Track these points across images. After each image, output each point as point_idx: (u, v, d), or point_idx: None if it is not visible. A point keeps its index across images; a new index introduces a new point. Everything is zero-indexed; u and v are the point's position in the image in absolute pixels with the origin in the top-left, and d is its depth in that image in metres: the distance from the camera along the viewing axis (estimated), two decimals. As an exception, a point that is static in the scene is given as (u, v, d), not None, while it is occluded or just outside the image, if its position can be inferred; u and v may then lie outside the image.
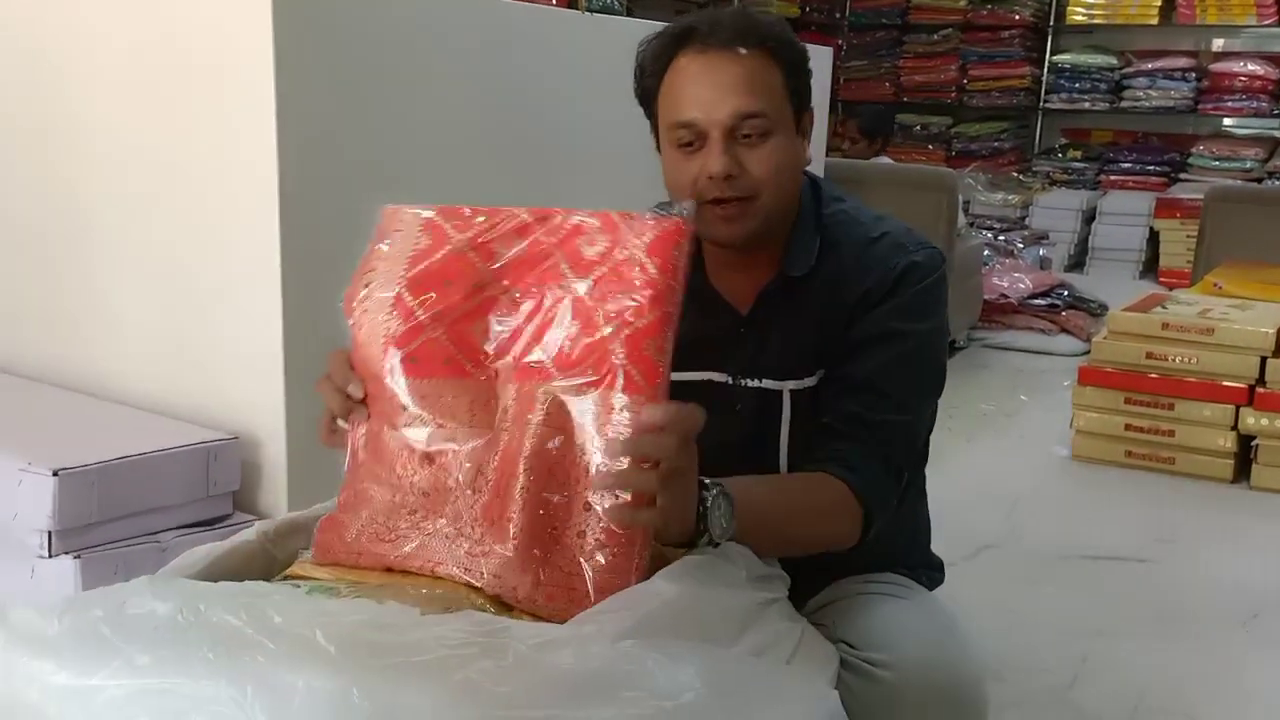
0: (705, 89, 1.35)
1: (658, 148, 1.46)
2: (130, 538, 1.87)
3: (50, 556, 1.79)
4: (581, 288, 1.12)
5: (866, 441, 1.36)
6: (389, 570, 1.15)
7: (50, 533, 1.78)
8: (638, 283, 1.10)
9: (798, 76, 1.41)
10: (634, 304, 1.09)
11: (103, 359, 2.27)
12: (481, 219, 1.22)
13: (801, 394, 1.44)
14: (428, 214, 1.24)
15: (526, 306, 1.16)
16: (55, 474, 1.76)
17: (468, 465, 1.14)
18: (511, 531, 1.08)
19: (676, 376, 1.46)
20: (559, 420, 1.09)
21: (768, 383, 1.45)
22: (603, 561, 1.07)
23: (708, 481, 1.15)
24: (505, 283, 1.18)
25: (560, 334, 1.12)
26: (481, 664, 0.87)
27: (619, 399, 1.07)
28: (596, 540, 1.07)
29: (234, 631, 0.89)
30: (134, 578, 1.08)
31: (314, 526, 1.23)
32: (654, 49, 1.41)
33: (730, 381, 1.47)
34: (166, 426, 2.05)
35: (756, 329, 1.46)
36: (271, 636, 0.88)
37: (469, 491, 1.13)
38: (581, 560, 1.08)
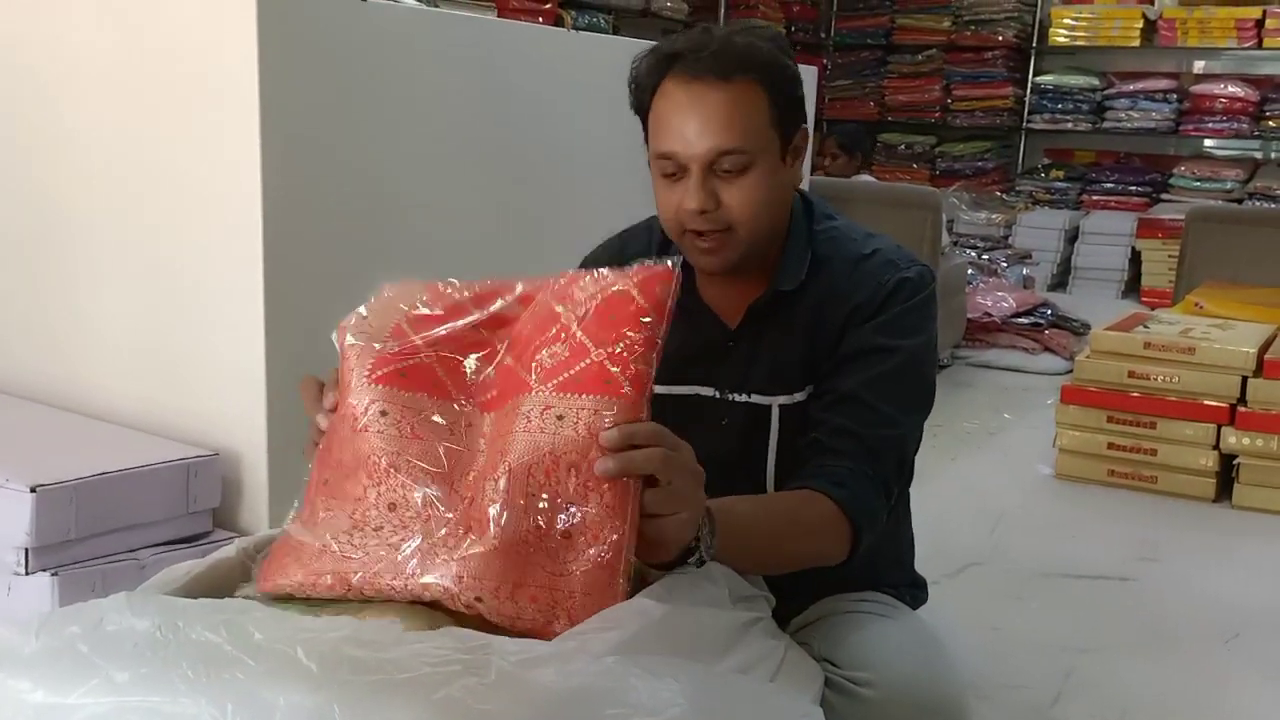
0: (686, 122, 1.35)
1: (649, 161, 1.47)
2: (109, 555, 1.86)
3: (28, 574, 1.78)
4: (572, 318, 1.14)
5: (855, 456, 1.36)
6: (345, 598, 1.10)
7: (28, 550, 1.76)
8: (628, 310, 1.12)
9: (786, 98, 1.40)
10: (624, 326, 1.11)
11: (83, 373, 2.26)
12: (479, 289, 1.26)
13: (790, 409, 1.45)
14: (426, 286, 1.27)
15: (517, 342, 1.18)
16: (33, 490, 1.75)
17: (441, 481, 1.12)
18: (492, 531, 1.05)
19: (664, 390, 1.48)
20: (543, 425, 1.08)
21: (756, 398, 1.46)
22: (589, 561, 1.05)
23: None
24: (501, 331, 1.20)
25: (546, 354, 1.13)
26: (464, 681, 0.86)
27: (606, 403, 1.07)
28: (584, 539, 1.05)
29: (214, 649, 0.88)
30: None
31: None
32: (645, 67, 1.41)
33: (718, 396, 1.47)
34: (146, 442, 2.03)
35: (745, 343, 1.47)
36: (252, 654, 0.87)
37: (442, 507, 1.11)
38: (567, 559, 1.05)
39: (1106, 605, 2.61)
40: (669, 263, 1.15)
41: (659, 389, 1.47)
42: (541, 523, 1.06)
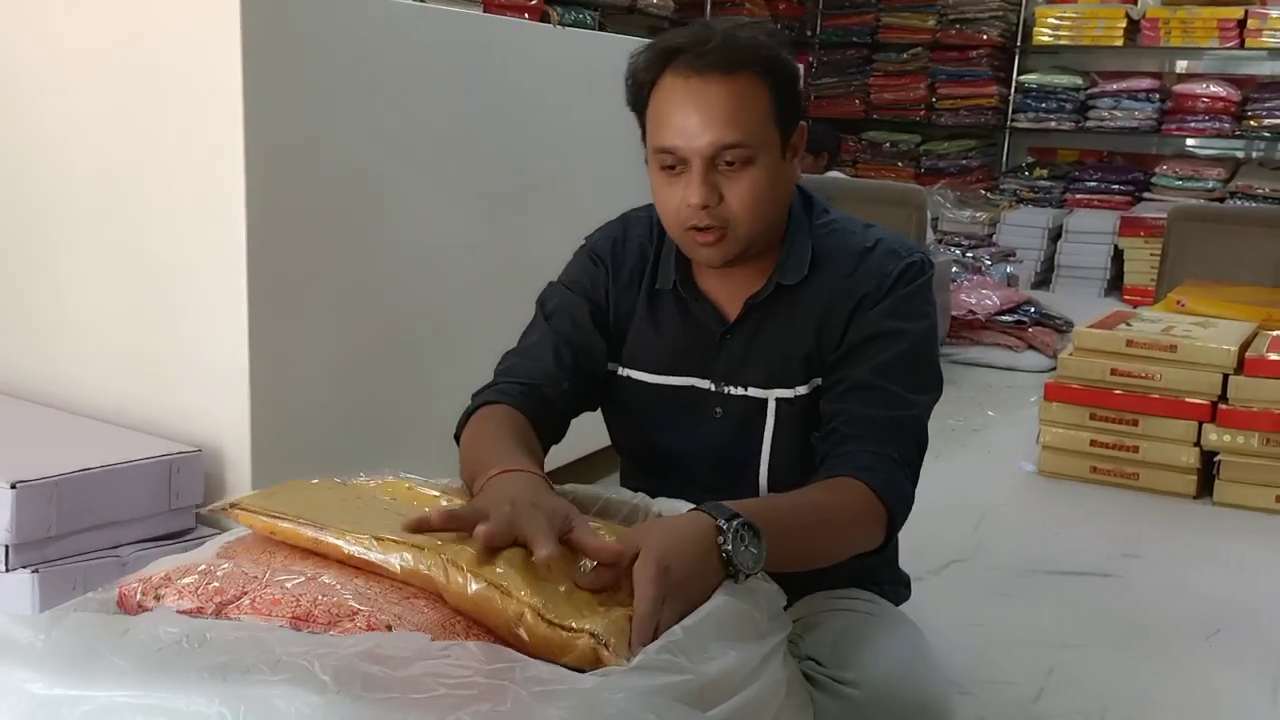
0: (688, 116, 1.34)
1: (646, 159, 1.46)
2: (90, 552, 1.85)
3: (8, 570, 1.77)
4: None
5: (876, 440, 1.36)
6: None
7: (8, 546, 1.76)
8: None
9: (787, 95, 1.39)
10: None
11: (65, 370, 2.25)
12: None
13: (788, 403, 1.45)
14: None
15: None
16: (14, 486, 1.74)
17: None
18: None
19: (660, 380, 1.49)
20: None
21: (753, 391, 1.46)
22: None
23: (724, 520, 1.12)
24: None
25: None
26: (476, 707, 0.84)
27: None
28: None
29: (232, 652, 0.87)
30: (92, 592, 1.06)
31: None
32: (643, 62, 1.40)
33: (713, 388, 1.48)
34: (128, 438, 2.02)
35: (742, 336, 1.47)
36: (271, 665, 0.86)
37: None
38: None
39: (1089, 601, 2.62)
40: None
41: (654, 379, 1.48)
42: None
